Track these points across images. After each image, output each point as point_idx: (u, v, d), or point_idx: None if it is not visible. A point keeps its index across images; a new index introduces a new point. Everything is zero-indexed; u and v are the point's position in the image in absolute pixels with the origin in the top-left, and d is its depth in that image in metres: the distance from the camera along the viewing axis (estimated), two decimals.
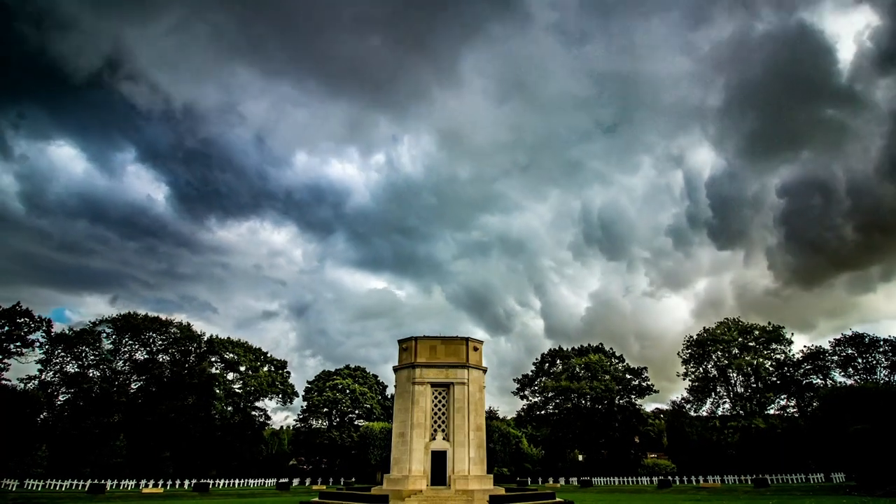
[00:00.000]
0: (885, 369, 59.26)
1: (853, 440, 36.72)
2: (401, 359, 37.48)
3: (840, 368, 62.04)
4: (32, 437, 53.55)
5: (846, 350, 61.38)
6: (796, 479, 55.27)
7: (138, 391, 66.15)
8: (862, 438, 36.03)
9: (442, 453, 34.08)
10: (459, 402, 35.06)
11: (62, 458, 58.32)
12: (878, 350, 59.67)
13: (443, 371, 35.97)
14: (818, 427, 47.71)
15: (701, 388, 70.30)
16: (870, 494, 33.02)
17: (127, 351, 66.18)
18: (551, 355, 79.97)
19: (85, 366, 63.49)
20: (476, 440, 34.80)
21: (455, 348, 36.75)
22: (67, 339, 62.07)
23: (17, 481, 47.06)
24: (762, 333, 69.56)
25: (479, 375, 36.94)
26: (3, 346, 56.01)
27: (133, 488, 50.71)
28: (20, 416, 42.66)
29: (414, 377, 35.54)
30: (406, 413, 34.93)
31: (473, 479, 33.35)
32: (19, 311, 57.59)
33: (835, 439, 40.63)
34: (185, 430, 64.06)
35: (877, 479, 34.87)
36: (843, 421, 38.85)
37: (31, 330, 58.31)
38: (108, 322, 65.58)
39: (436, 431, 34.89)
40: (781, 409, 67.21)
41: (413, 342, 36.76)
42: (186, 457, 64.74)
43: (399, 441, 34.65)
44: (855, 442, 36.57)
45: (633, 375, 75.65)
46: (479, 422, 35.64)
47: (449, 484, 33.02)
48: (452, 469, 33.54)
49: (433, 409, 35.43)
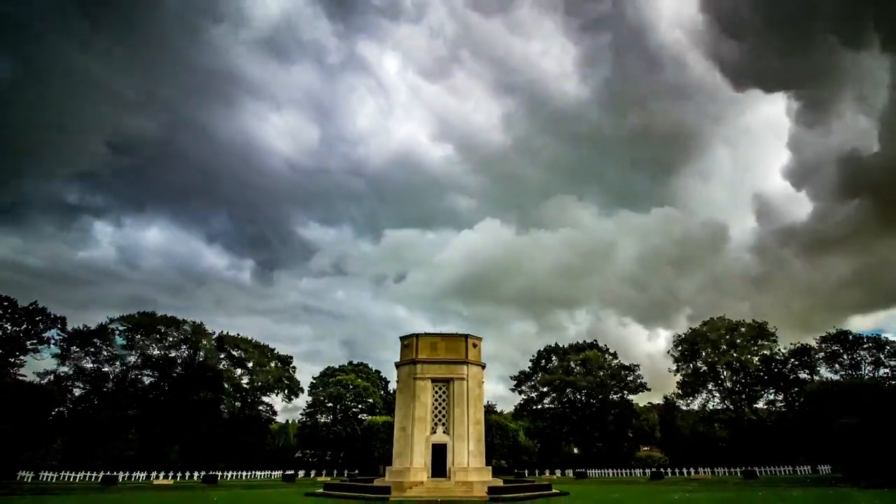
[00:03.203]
0: (869, 365, 59.20)
1: (839, 434, 36.66)
2: (402, 355, 37.42)
3: (826, 364, 61.98)
4: (47, 430, 53.47)
5: (832, 346, 61.29)
6: (784, 470, 55.19)
7: (150, 386, 66.05)
8: (847, 432, 35.98)
9: (442, 446, 34.01)
10: (459, 397, 35.00)
11: (76, 451, 58.31)
12: (862, 347, 59.62)
13: (443, 367, 35.91)
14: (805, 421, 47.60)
15: (692, 384, 70.24)
16: (855, 485, 32.99)
17: (140, 347, 66.09)
18: (547, 352, 79.90)
19: (99, 361, 63.41)
20: (475, 434, 34.74)
21: (455, 345, 36.69)
22: (83, 336, 61.98)
23: (33, 473, 47.02)
24: (749, 330, 69.62)
25: (477, 371, 36.88)
26: (20, 343, 55.98)
27: (144, 480, 50.66)
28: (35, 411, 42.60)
29: (415, 373, 35.48)
30: (408, 407, 34.87)
31: (473, 471, 33.29)
32: (36, 309, 57.59)
33: (821, 433, 40.53)
34: (195, 423, 63.98)
35: (861, 470, 34.85)
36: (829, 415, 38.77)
37: (47, 327, 58.31)
38: (122, 319, 65.52)
39: (436, 425, 34.82)
40: (770, 404, 67.13)
41: (414, 339, 36.71)
42: (195, 450, 64.65)
43: (401, 434, 34.60)
44: (841, 435, 36.52)
45: (626, 371, 75.63)
46: (478, 416, 35.58)
47: (449, 476, 32.96)
48: (452, 461, 33.47)
49: (434, 403, 35.35)
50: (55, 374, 60.21)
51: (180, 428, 63.62)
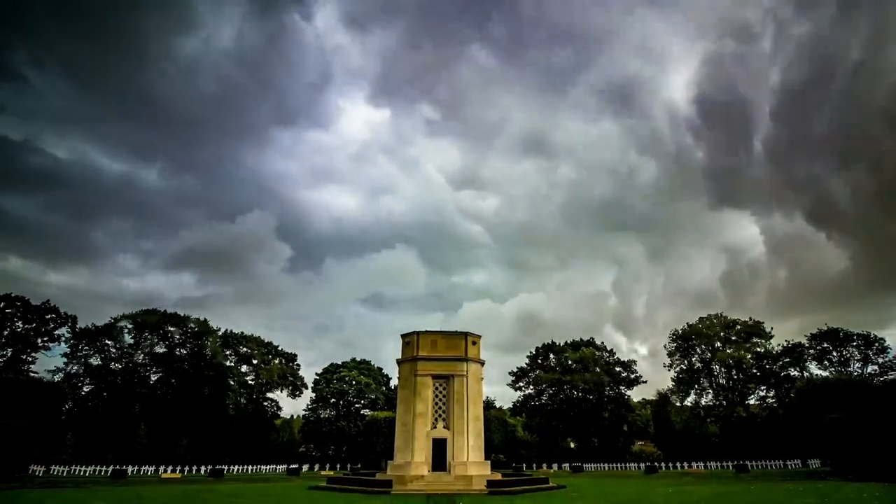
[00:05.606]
0: (858, 362, 59.34)
1: (828, 429, 36.76)
2: (404, 352, 37.50)
3: (816, 361, 62.09)
4: (58, 426, 53.55)
5: (822, 344, 61.40)
6: (775, 465, 55.28)
7: (158, 383, 66.13)
8: (836, 427, 36.07)
9: (442, 441, 34.12)
10: (459, 393, 35.11)
11: (86, 446, 58.43)
12: (851, 344, 59.74)
13: (443, 364, 36.02)
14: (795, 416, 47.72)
15: (686, 380, 70.32)
16: (843, 478, 33.12)
17: (147, 345, 66.16)
18: (545, 349, 79.94)
19: (108, 359, 63.50)
20: (474, 429, 34.85)
21: (455, 342, 36.78)
22: (91, 334, 62.08)
23: (44, 467, 47.09)
24: (744, 328, 69.63)
25: (477, 368, 36.99)
26: (31, 341, 56.10)
27: (152, 473, 50.71)
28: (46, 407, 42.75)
29: (416, 370, 35.58)
30: (408, 403, 34.99)
31: (472, 465, 33.40)
32: (48, 308, 57.73)
33: (811, 428, 40.64)
34: (202, 419, 64.12)
35: (850, 464, 34.95)
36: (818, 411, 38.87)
37: (58, 325, 58.44)
38: (129, 318, 65.60)
39: (437, 420, 34.93)
40: (761, 400, 67.24)
41: (415, 336, 36.79)
42: (202, 444, 64.78)
43: (402, 430, 34.70)
44: (830, 430, 36.61)
45: (622, 368, 75.76)
46: (478, 412, 35.69)
47: (449, 470, 33.07)
48: (452, 456, 33.58)
49: (434, 399, 35.46)
50: (65, 371, 60.38)
51: (188, 423, 63.77)
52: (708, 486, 32.02)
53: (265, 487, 35.22)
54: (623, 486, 33.81)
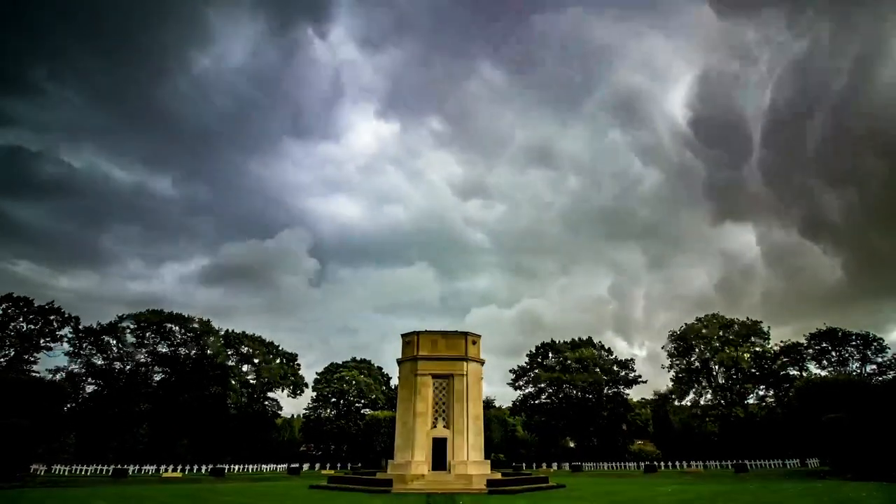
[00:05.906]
0: (856, 362, 59.20)
1: (826, 428, 36.69)
2: (404, 352, 37.46)
3: (815, 361, 61.94)
4: (60, 425, 53.45)
5: (820, 343, 61.23)
6: (774, 464, 55.19)
7: (160, 382, 66.12)
8: (835, 427, 36.01)
9: (442, 440, 34.09)
10: (459, 392, 35.07)
11: (88, 445, 58.39)
12: (850, 344, 59.58)
13: (443, 363, 35.98)
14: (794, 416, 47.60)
15: (685, 380, 70.23)
16: (842, 477, 33.12)
17: (150, 344, 66.14)
18: (544, 348, 79.88)
19: (110, 358, 63.48)
20: (474, 428, 34.81)
21: (455, 342, 36.74)
22: (94, 333, 62.05)
23: (46, 466, 47.06)
24: (742, 328, 69.52)
25: (477, 367, 36.96)
26: (34, 341, 56.07)
27: (154, 473, 50.66)
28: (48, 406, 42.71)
29: (416, 369, 35.54)
30: (409, 403, 34.95)
31: (472, 464, 33.37)
32: (51, 308, 57.69)
33: (809, 427, 40.55)
34: (203, 418, 64.10)
35: (848, 463, 34.90)
36: (817, 410, 38.80)
37: (61, 326, 58.42)
38: (131, 317, 65.58)
39: (437, 420, 34.90)
40: (760, 399, 67.13)
41: (415, 336, 36.76)
42: (203, 444, 64.76)
43: (402, 429, 34.67)
44: (828, 430, 36.54)
45: (620, 367, 75.68)
46: (477, 411, 35.65)
47: (449, 469, 33.04)
48: (452, 455, 33.54)
49: (434, 399, 35.43)
50: (68, 370, 60.34)
51: (189, 422, 63.74)
52: (707, 486, 31.99)
53: (266, 486, 35.20)
54: (622, 486, 33.79)
